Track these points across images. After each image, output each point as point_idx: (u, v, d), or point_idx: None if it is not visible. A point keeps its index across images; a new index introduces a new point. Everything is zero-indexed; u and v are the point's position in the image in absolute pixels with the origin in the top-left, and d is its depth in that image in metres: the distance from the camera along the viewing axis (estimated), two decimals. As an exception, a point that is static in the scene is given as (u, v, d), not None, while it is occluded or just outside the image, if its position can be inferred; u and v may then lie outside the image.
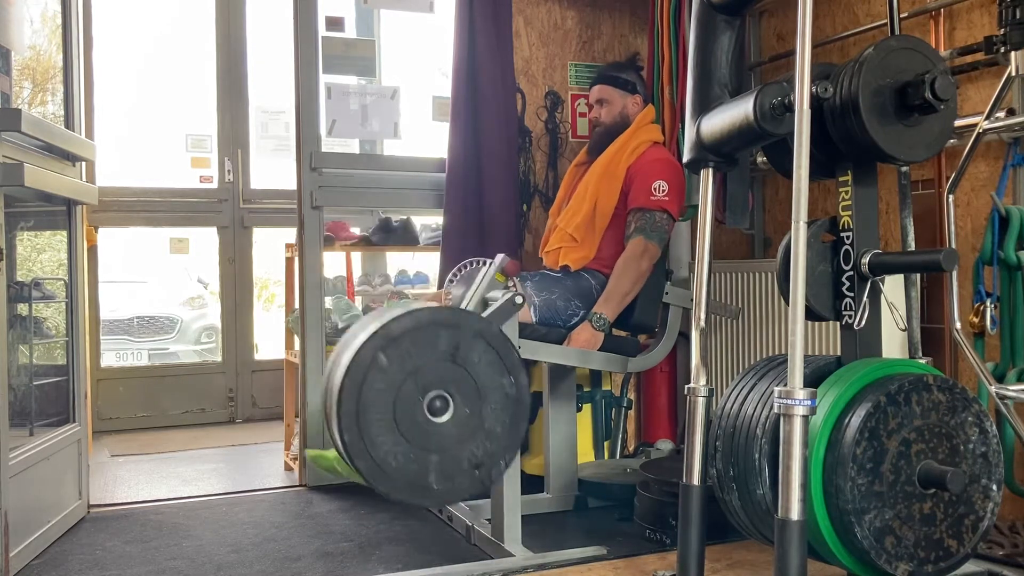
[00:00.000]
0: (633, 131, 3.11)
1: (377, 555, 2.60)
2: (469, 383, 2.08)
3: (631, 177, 3.03)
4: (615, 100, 3.19)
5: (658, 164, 3.03)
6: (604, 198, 3.03)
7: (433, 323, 2.06)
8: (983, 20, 2.59)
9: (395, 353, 2.02)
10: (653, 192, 2.96)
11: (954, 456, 1.83)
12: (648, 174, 3.00)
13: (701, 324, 2.06)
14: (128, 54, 6.06)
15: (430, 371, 2.05)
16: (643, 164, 3.04)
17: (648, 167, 3.02)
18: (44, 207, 3.03)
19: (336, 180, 3.50)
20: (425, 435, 2.03)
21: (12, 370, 2.63)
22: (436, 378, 2.06)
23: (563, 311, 2.93)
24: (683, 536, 1.99)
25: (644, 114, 3.17)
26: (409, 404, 2.02)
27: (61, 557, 2.62)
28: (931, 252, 1.90)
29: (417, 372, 2.03)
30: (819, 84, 1.82)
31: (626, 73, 3.24)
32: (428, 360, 2.05)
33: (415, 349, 2.04)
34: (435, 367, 2.05)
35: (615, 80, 3.21)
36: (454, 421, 2.06)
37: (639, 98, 3.21)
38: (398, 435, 2.01)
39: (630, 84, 3.21)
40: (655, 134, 3.15)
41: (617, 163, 3.06)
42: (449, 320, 2.09)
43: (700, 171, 2.11)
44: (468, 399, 2.07)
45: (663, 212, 2.97)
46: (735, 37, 2.09)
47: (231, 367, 5.11)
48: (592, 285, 2.99)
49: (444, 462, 2.06)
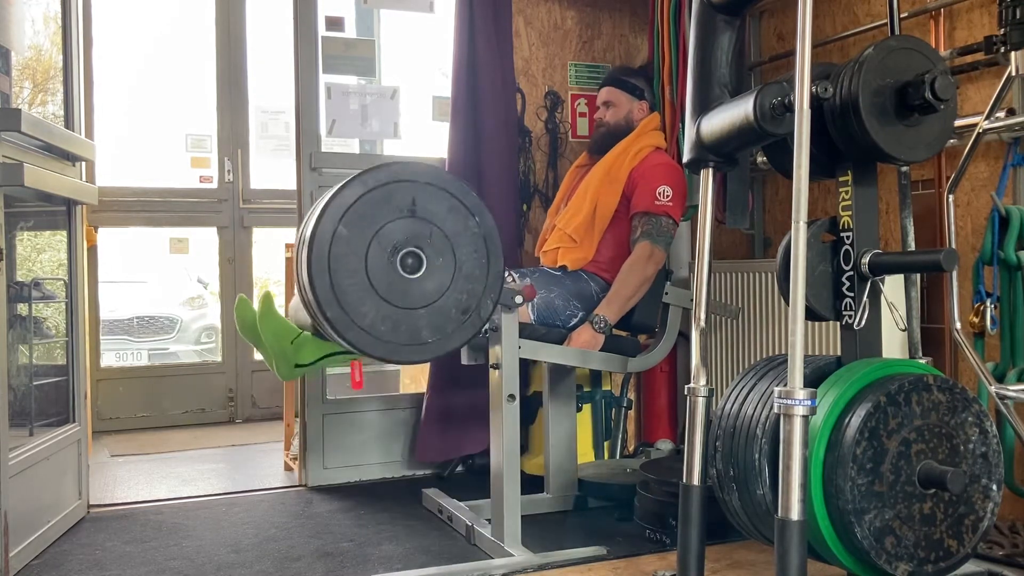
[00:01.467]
0: (637, 136, 3.12)
1: (377, 555, 2.60)
2: (436, 233, 2.07)
3: (634, 181, 3.03)
4: (622, 103, 3.20)
5: (661, 168, 3.04)
6: (605, 200, 3.03)
7: (383, 182, 2.04)
8: (983, 20, 2.59)
9: (354, 220, 1.99)
10: (658, 197, 2.97)
11: (954, 456, 1.83)
12: (652, 178, 3.01)
13: (701, 324, 2.06)
14: (128, 54, 6.06)
15: (394, 230, 2.03)
16: (646, 168, 3.04)
17: (652, 171, 3.03)
18: (44, 207, 3.03)
19: (336, 180, 3.47)
20: (406, 293, 2.03)
21: (12, 370, 2.63)
22: (402, 236, 2.05)
23: (562, 311, 2.93)
24: (683, 536, 1.99)
25: (649, 120, 3.19)
26: (382, 267, 2.02)
27: (61, 557, 2.62)
28: (931, 252, 1.90)
29: (380, 234, 2.02)
30: (819, 84, 1.82)
31: (635, 78, 3.26)
32: (388, 220, 2.03)
33: (372, 211, 2.02)
34: (397, 225, 2.04)
35: (624, 84, 3.23)
36: (430, 273, 2.05)
37: (645, 104, 3.23)
38: (379, 299, 2.01)
39: (638, 90, 3.23)
40: (658, 140, 3.16)
41: (619, 166, 3.06)
42: (398, 175, 2.07)
43: (700, 171, 2.11)
44: (439, 249, 2.06)
45: (668, 217, 2.97)
46: (735, 37, 2.09)
47: (231, 367, 5.11)
48: (593, 290, 3.00)
49: (432, 314, 2.06)
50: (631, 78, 3.26)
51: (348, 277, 1.99)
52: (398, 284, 2.04)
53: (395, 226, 2.04)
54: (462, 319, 2.09)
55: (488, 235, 2.13)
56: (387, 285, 2.03)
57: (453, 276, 2.08)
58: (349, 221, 2.00)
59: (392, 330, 2.02)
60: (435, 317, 2.07)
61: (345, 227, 1.99)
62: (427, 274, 2.07)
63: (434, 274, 2.07)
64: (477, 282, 2.12)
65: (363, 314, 1.99)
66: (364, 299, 2.00)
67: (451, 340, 2.13)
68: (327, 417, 3.49)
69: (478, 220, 2.13)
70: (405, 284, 2.04)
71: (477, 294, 2.11)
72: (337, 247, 1.98)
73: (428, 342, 2.07)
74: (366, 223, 2.01)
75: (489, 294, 2.14)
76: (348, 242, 1.99)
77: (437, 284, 2.08)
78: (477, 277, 2.11)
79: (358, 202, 2.01)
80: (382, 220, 2.03)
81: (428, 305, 2.06)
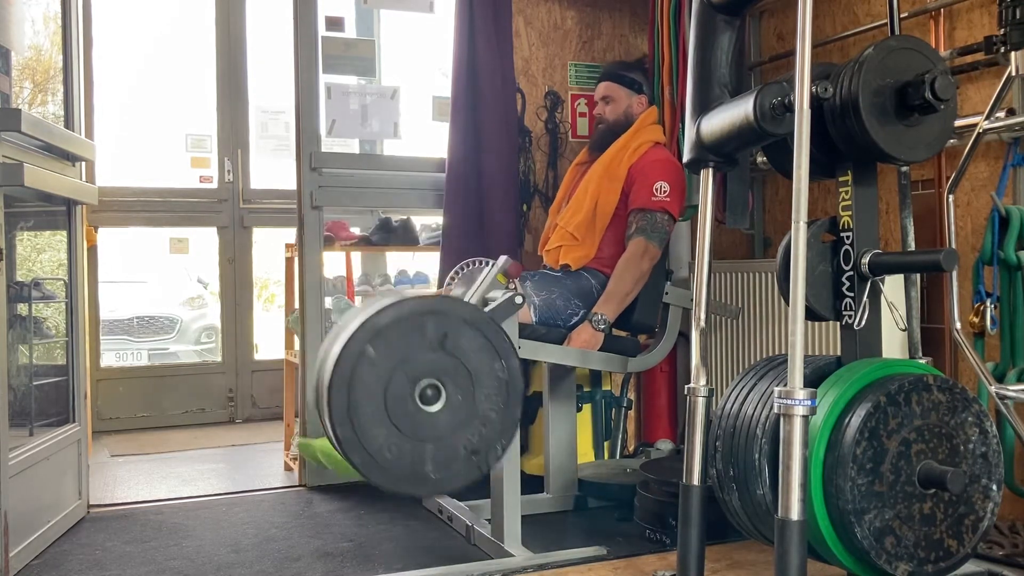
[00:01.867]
0: (635, 131, 3.11)
1: (377, 555, 2.60)
2: (460, 370, 2.06)
3: (632, 177, 3.03)
4: (620, 98, 3.19)
5: (659, 164, 3.03)
6: (605, 197, 3.03)
7: (419, 312, 2.04)
8: (983, 20, 2.59)
9: (383, 344, 1.99)
10: (655, 193, 2.97)
11: (954, 456, 1.83)
12: (649, 175, 3.00)
13: (701, 324, 2.06)
14: (128, 54, 6.06)
15: (419, 360, 2.03)
16: (644, 164, 3.04)
17: (649, 167, 3.02)
18: (44, 207, 3.03)
19: (336, 180, 3.50)
20: (418, 424, 2.02)
21: (12, 370, 2.63)
22: (426, 367, 2.03)
23: (563, 311, 2.93)
24: (683, 536, 1.99)
25: (647, 114, 3.17)
26: (400, 394, 2.01)
27: (61, 557, 2.62)
28: (931, 252, 1.90)
29: (406, 362, 2.01)
30: (819, 84, 1.82)
31: (633, 72, 3.24)
32: (416, 350, 2.03)
33: (402, 339, 2.01)
34: (424, 356, 2.03)
35: (622, 78, 3.21)
36: (447, 409, 2.04)
37: (644, 98, 3.21)
38: (391, 426, 1.99)
39: (637, 84, 3.21)
40: (657, 135, 3.15)
41: (619, 163, 3.06)
42: (435, 308, 2.07)
43: (700, 171, 2.11)
44: (460, 386, 2.05)
45: (664, 213, 2.97)
46: (735, 37, 2.09)
47: (231, 367, 5.11)
48: (592, 285, 2.99)
49: (440, 450, 2.04)
50: (629, 72, 3.24)
51: (366, 398, 1.99)
52: (412, 413, 2.02)
53: (422, 356, 2.04)
54: (470, 460, 2.07)
55: (512, 382, 2.11)
56: (401, 412, 2.01)
57: (469, 415, 2.07)
58: (379, 344, 2.00)
59: (396, 458, 2.01)
60: (442, 452, 2.05)
61: (374, 349, 2.00)
62: (443, 409, 2.05)
63: (450, 410, 2.05)
64: (492, 426, 2.09)
65: (372, 437, 1.99)
66: (377, 423, 2.00)
67: (454, 479, 2.09)
68: (327, 417, 3.48)
69: (505, 364, 2.11)
70: (419, 414, 2.02)
71: (489, 438, 2.09)
72: (362, 367, 1.99)
73: (431, 477, 2.04)
74: (395, 349, 2.01)
75: (501, 439, 2.11)
76: (373, 364, 1.99)
77: (451, 420, 2.05)
78: (493, 421, 2.09)
79: (391, 327, 2.01)
80: (411, 348, 2.03)
81: (438, 440, 2.04)
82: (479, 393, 2.07)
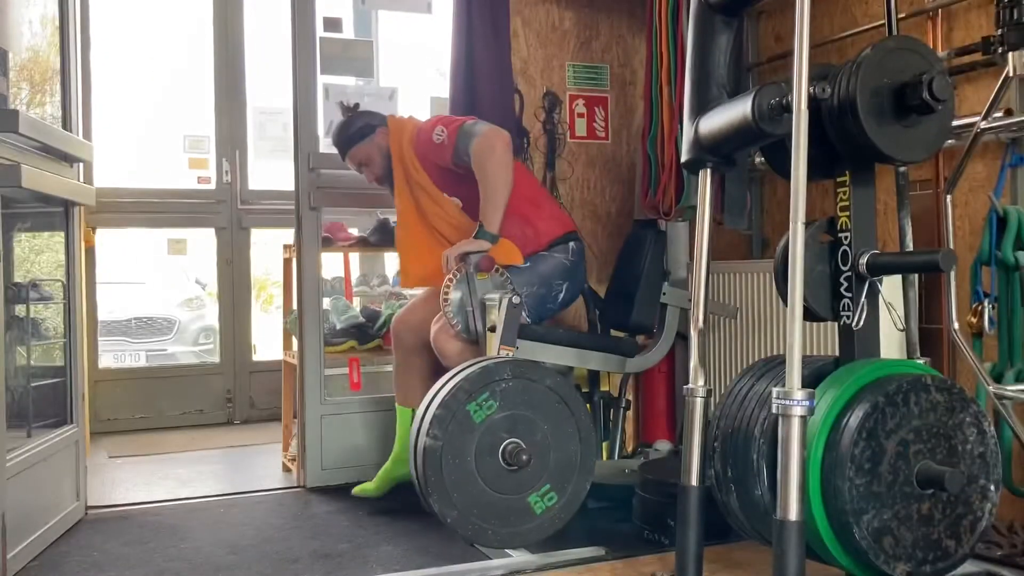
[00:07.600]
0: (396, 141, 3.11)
1: (375, 556, 2.60)
2: (539, 430, 2.26)
3: (420, 154, 3.05)
4: (370, 153, 3.16)
5: (425, 125, 3.07)
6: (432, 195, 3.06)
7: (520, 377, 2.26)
8: (981, 21, 2.60)
9: None
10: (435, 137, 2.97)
11: (952, 456, 1.83)
12: (421, 136, 3.03)
13: (699, 325, 2.06)
14: (126, 55, 6.06)
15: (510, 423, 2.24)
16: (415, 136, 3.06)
17: (419, 134, 3.05)
18: (42, 208, 3.03)
19: (334, 181, 3.49)
20: (497, 480, 2.22)
21: (10, 371, 2.63)
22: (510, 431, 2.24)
23: (548, 295, 2.97)
24: (681, 537, 1.99)
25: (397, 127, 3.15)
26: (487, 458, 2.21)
27: (59, 559, 2.62)
28: (929, 252, 1.90)
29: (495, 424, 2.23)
30: (817, 85, 1.82)
31: (354, 124, 3.19)
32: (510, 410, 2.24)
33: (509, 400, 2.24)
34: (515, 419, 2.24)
35: (352, 138, 3.17)
36: (524, 471, 2.23)
37: (383, 127, 3.17)
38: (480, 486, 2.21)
39: (367, 127, 3.17)
40: (412, 121, 3.17)
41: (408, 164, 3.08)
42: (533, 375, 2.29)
43: (698, 172, 2.11)
44: (538, 451, 2.25)
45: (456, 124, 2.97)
46: (733, 38, 2.09)
47: (229, 368, 5.10)
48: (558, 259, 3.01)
49: (516, 508, 2.24)
50: (351, 127, 3.18)
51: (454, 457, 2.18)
52: (494, 471, 2.22)
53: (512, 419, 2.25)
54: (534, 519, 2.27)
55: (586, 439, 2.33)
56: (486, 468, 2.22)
57: (542, 478, 2.27)
58: None
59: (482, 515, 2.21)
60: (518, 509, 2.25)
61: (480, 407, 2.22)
62: (521, 471, 2.23)
63: (527, 472, 2.24)
64: (562, 494, 2.29)
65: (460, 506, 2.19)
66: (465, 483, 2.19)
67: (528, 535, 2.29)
68: (325, 418, 3.49)
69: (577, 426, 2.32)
70: (500, 472, 2.22)
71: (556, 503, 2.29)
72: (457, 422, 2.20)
73: (487, 532, 2.23)
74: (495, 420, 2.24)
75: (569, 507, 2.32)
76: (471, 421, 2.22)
77: (526, 480, 2.25)
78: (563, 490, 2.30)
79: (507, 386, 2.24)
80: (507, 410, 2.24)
81: (517, 496, 2.25)
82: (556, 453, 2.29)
